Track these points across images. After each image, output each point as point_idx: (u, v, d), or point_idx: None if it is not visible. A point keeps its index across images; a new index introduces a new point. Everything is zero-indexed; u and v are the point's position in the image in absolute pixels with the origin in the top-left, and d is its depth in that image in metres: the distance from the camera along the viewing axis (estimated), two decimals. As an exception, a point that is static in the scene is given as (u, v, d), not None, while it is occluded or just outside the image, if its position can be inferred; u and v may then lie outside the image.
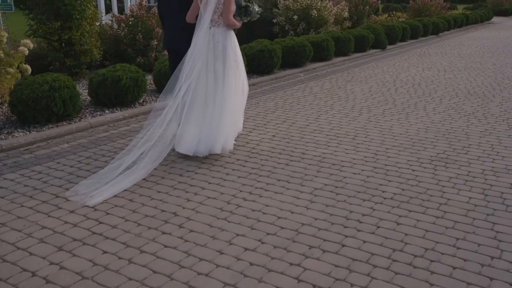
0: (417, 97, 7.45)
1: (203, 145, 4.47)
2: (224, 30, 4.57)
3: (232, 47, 4.62)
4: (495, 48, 14.08)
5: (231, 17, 4.53)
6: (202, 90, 4.51)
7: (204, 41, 4.48)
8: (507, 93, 7.71)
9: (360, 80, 8.86)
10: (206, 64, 4.51)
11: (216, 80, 4.53)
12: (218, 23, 4.54)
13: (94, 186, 3.77)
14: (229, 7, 4.48)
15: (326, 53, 10.81)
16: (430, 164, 4.48)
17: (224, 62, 4.54)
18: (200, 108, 4.52)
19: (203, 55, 4.49)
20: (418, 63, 11.10)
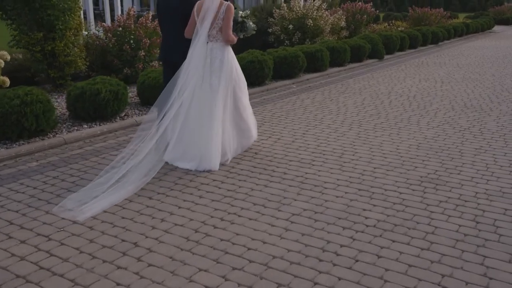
0: (411, 110, 7.17)
1: (195, 159, 4.45)
2: (222, 45, 4.54)
3: (230, 62, 4.60)
4: (495, 58, 13.80)
5: (231, 33, 4.52)
6: (196, 104, 4.48)
7: (201, 55, 4.45)
8: (505, 106, 7.42)
9: (354, 92, 8.59)
10: (201, 79, 4.48)
11: (211, 94, 4.49)
12: (216, 38, 4.51)
13: (83, 200, 3.67)
14: (229, 23, 4.46)
15: (321, 64, 10.55)
16: (419, 186, 4.19)
17: (219, 77, 4.51)
18: (192, 123, 4.49)
19: (198, 69, 4.46)
20: (415, 73, 10.83)
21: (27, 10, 7.13)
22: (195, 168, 4.44)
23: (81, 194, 3.77)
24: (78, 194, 3.78)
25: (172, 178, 4.28)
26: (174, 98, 4.37)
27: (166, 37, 4.96)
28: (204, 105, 4.49)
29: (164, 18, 4.94)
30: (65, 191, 3.96)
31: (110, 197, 3.73)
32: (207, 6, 4.45)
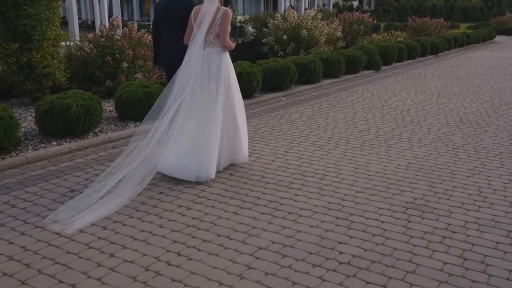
0: (404, 125, 6.80)
1: (193, 169, 4.35)
2: (219, 50, 4.48)
3: (227, 68, 4.53)
4: (495, 69, 13.44)
5: (228, 39, 4.45)
6: (196, 112, 4.41)
7: (198, 60, 4.40)
8: (503, 121, 7.05)
9: (346, 105, 8.24)
10: (200, 84, 4.43)
11: (208, 101, 4.43)
12: (213, 43, 4.46)
13: (74, 212, 3.61)
14: (226, 29, 4.39)
15: (313, 76, 10.21)
16: (403, 214, 3.81)
17: (217, 83, 4.45)
18: (189, 130, 4.40)
19: (195, 74, 4.40)
20: (411, 85, 10.47)
21: (1, 20, 6.84)
22: (193, 179, 4.34)
23: (73, 205, 3.72)
24: (71, 205, 3.73)
25: (134, 204, 3.92)
26: (169, 105, 4.29)
27: (166, 43, 4.90)
28: (203, 112, 4.41)
29: (163, 24, 4.89)
30: (13, 219, 3.60)
31: (102, 208, 3.67)
32: (204, 11, 4.40)
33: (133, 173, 4.02)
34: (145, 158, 4.12)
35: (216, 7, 4.41)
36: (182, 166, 4.37)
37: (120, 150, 5.43)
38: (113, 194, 3.85)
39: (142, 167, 4.09)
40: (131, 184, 3.98)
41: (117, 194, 3.87)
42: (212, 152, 4.38)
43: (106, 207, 3.71)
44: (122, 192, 3.90)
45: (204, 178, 4.37)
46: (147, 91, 6.55)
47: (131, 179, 4.00)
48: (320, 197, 4.15)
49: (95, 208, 3.66)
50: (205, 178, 4.37)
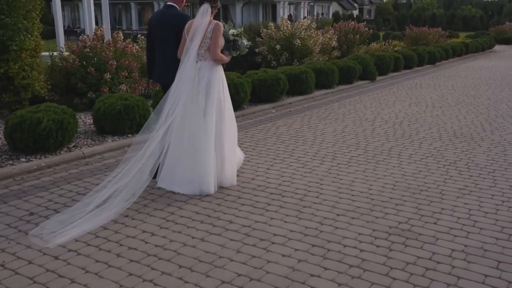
0: (395, 140, 6.52)
1: (186, 182, 4.34)
2: (211, 64, 4.43)
3: (218, 83, 4.46)
4: (492, 79, 13.17)
5: (218, 52, 4.40)
6: (187, 125, 4.37)
7: (190, 74, 4.36)
8: (498, 135, 6.76)
9: (336, 118, 7.96)
10: (191, 98, 4.37)
11: (200, 115, 4.37)
12: (205, 57, 4.41)
13: (63, 224, 3.58)
14: (216, 42, 4.34)
15: (305, 86, 9.95)
16: (385, 241, 3.51)
17: (207, 97, 4.38)
18: (183, 145, 4.38)
19: (188, 89, 4.36)
20: (406, 96, 10.20)
21: (-24, 30, 6.60)
22: (191, 192, 4.33)
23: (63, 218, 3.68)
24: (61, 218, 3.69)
25: (95, 229, 3.63)
26: (162, 120, 4.26)
27: (159, 57, 4.81)
28: (195, 127, 4.36)
29: (156, 38, 4.79)
30: (-40, 246, 3.32)
31: (92, 221, 3.65)
32: (196, 25, 4.35)
33: (124, 188, 3.98)
34: (136, 173, 4.08)
35: (208, 20, 4.36)
36: (182, 182, 4.36)
37: (93, 167, 5.17)
38: (101, 209, 3.79)
39: (133, 182, 4.05)
40: (120, 198, 3.91)
41: (104, 208, 3.80)
42: (209, 168, 4.32)
43: (93, 221, 3.66)
44: (111, 206, 3.83)
45: (204, 193, 4.34)
46: (127, 104, 6.28)
47: (121, 194, 3.94)
48: (297, 220, 3.86)
49: (81, 222, 3.60)
50: (205, 193, 4.34)
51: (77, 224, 3.57)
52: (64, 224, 3.57)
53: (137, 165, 4.11)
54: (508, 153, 5.83)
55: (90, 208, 3.76)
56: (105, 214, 3.76)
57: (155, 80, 4.99)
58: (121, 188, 3.97)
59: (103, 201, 3.86)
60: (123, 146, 5.96)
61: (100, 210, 3.78)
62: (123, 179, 4.02)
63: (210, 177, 4.34)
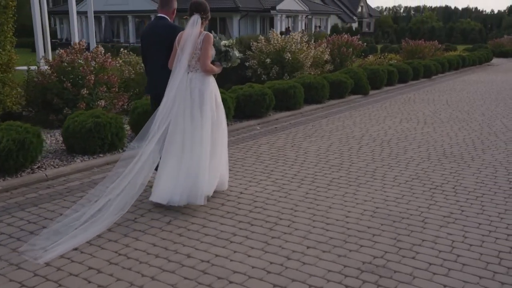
0: (381, 160, 6.19)
1: (179, 194, 4.25)
2: (202, 75, 4.40)
3: (210, 93, 4.42)
4: (488, 93, 12.87)
5: (209, 63, 4.37)
6: (179, 137, 4.33)
7: (181, 86, 4.34)
8: (490, 154, 6.43)
9: (323, 135, 7.64)
10: (183, 110, 4.34)
11: (193, 127, 4.32)
12: (195, 68, 4.40)
13: (53, 238, 3.55)
14: (207, 53, 4.33)
15: (294, 102, 9.66)
16: (355, 280, 3.17)
17: (201, 108, 4.35)
18: (176, 155, 4.32)
19: (179, 100, 4.33)
20: (398, 112, 9.89)
21: None
22: (183, 204, 4.28)
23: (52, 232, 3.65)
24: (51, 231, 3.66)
25: (35, 266, 3.29)
26: (155, 130, 4.21)
27: (151, 68, 4.88)
28: (186, 137, 4.32)
29: (148, 48, 4.86)
30: None
31: (82, 235, 3.63)
32: (187, 35, 4.35)
33: (114, 201, 3.95)
34: (127, 186, 4.03)
35: (198, 31, 4.36)
36: (171, 193, 4.28)
37: (54, 191, 4.85)
38: (90, 223, 3.75)
39: (123, 195, 4.00)
40: (111, 211, 3.88)
41: (93, 222, 3.77)
42: (202, 179, 4.26)
43: (83, 235, 3.63)
44: (101, 219, 3.81)
45: (187, 202, 4.28)
46: (98, 121, 5.98)
47: (111, 207, 3.91)
48: (262, 254, 3.51)
49: (71, 237, 3.59)
50: (189, 202, 4.29)
51: (67, 239, 3.54)
52: (54, 240, 3.53)
53: (127, 178, 4.05)
54: (498, 175, 5.50)
55: (81, 222, 3.72)
56: (96, 227, 3.73)
57: (146, 91, 5.04)
58: (111, 201, 3.92)
59: (91, 216, 3.81)
60: (92, 166, 5.65)
61: (90, 224, 3.73)
62: (113, 192, 3.97)
63: (203, 188, 4.26)
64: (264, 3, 34.38)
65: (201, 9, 4.41)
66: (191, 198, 4.26)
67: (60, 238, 3.56)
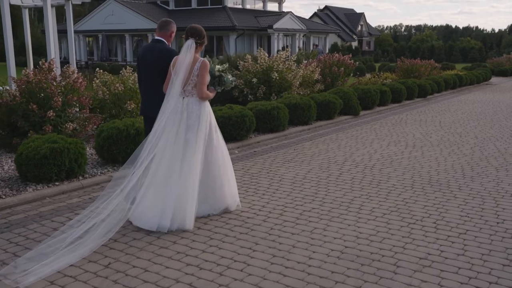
0: (360, 188, 5.72)
1: (169, 219, 4.22)
2: (198, 100, 4.46)
3: (206, 117, 4.49)
4: (483, 114, 12.43)
5: (205, 90, 4.45)
6: (168, 161, 4.33)
7: (176, 109, 4.38)
8: (478, 183, 5.95)
9: (303, 160, 7.19)
10: (175, 134, 4.35)
11: (184, 151, 4.34)
12: (191, 93, 4.45)
13: (35, 261, 3.50)
14: (203, 80, 4.41)
15: (277, 123, 9.23)
16: None
17: (196, 132, 4.38)
18: (165, 179, 4.30)
19: (172, 123, 4.36)
20: (387, 134, 9.44)
21: None
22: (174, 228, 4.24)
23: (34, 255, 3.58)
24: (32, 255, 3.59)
25: None
26: (145, 154, 4.22)
27: (146, 90, 4.93)
28: (177, 161, 4.32)
29: (143, 71, 4.92)
30: None
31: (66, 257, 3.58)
32: (181, 60, 4.41)
33: (100, 224, 3.92)
34: (114, 209, 4.02)
35: (192, 57, 4.42)
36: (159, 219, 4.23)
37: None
38: (76, 245, 3.73)
39: (109, 218, 3.98)
40: (97, 235, 3.85)
41: (79, 244, 3.74)
42: (189, 203, 4.26)
43: (67, 258, 3.58)
44: (87, 242, 3.78)
45: (176, 227, 4.23)
46: (54, 147, 5.56)
47: (97, 230, 3.88)
48: (201, 308, 3.04)
49: (54, 259, 3.53)
50: (178, 228, 4.23)
51: (49, 262, 3.48)
52: (37, 261, 3.48)
53: (115, 201, 4.04)
54: (486, 207, 5.02)
55: (66, 244, 3.69)
56: (80, 250, 3.69)
57: (140, 112, 5.09)
58: (98, 223, 3.90)
59: (77, 238, 3.78)
60: (44, 196, 5.21)
61: (75, 246, 3.71)
62: (100, 215, 3.95)
63: (191, 213, 4.27)
64: (261, 21, 34.25)
65: (196, 34, 4.49)
66: (181, 223, 4.23)
67: (43, 260, 3.50)
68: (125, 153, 6.39)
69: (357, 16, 66.95)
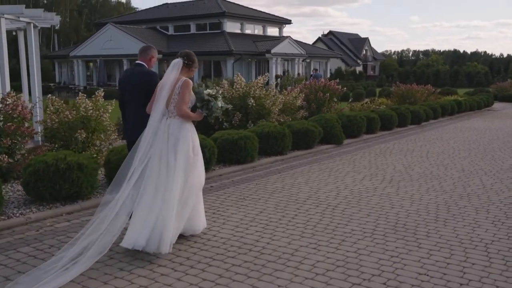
0: (311, 235, 4.93)
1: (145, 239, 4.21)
2: (180, 121, 4.43)
3: (186, 140, 4.42)
4: (477, 143, 11.58)
5: (185, 108, 4.42)
6: (153, 182, 4.35)
7: (159, 130, 4.39)
8: (451, 228, 5.12)
9: (260, 198, 6.41)
10: (160, 155, 4.37)
11: (167, 173, 4.35)
12: (174, 114, 4.44)
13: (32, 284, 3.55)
14: (183, 98, 4.39)
15: (244, 154, 8.50)
16: None
17: (175, 155, 4.36)
18: (148, 200, 4.31)
19: (156, 145, 4.37)
20: (366, 166, 8.65)
21: None
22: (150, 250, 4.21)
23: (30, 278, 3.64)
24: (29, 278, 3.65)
25: None
26: (129, 176, 4.27)
27: (128, 115, 4.95)
28: (159, 184, 4.34)
29: (125, 95, 4.95)
30: None
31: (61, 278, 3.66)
32: (165, 79, 4.46)
33: (93, 244, 3.98)
34: (104, 231, 4.07)
35: (176, 76, 4.44)
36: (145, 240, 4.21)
37: None
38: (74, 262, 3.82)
39: (102, 238, 4.04)
40: (90, 254, 3.91)
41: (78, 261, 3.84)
42: (166, 225, 4.22)
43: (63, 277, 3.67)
44: (81, 261, 3.84)
45: (153, 250, 4.19)
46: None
47: (89, 251, 3.93)
48: None
49: (52, 279, 3.62)
50: (154, 250, 4.19)
51: (47, 281, 3.57)
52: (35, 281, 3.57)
53: (104, 224, 4.11)
54: (452, 262, 4.20)
55: (59, 265, 3.77)
56: (75, 269, 3.77)
57: (124, 137, 5.11)
58: (90, 245, 3.97)
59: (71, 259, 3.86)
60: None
61: (72, 265, 3.80)
62: (93, 235, 4.04)
63: (169, 235, 4.21)
64: (260, 46, 33.87)
65: (185, 55, 4.54)
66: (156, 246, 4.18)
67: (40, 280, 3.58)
68: (53, 190, 5.69)
69: (361, 41, 66.73)
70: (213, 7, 36.54)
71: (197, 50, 32.76)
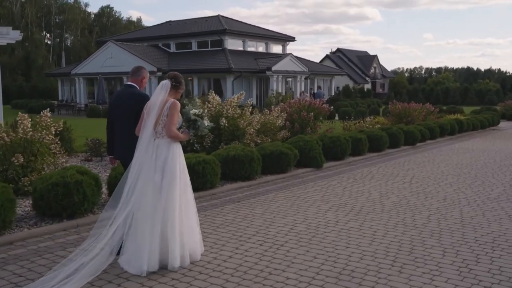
0: (236, 284, 4.12)
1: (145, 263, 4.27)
2: (168, 142, 4.47)
3: (174, 161, 4.45)
4: (469, 167, 10.67)
5: (174, 129, 4.45)
6: (146, 202, 4.38)
7: (148, 151, 4.42)
8: (405, 278, 4.26)
9: (202, 233, 5.61)
10: (148, 176, 4.39)
11: (157, 193, 4.36)
12: (162, 134, 4.46)
13: None
14: (172, 120, 4.41)
15: (203, 180, 7.75)
16: None
17: (163, 175, 4.39)
18: (146, 220, 4.34)
19: (146, 165, 4.40)
20: (338, 194, 7.82)
21: None
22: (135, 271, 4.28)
23: None
24: None
25: None
26: (124, 196, 4.31)
27: (118, 135, 4.93)
28: (147, 205, 4.37)
29: (116, 117, 4.93)
30: None
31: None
32: (153, 101, 4.49)
33: (87, 263, 4.04)
34: (100, 251, 4.13)
35: (164, 97, 4.46)
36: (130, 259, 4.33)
37: None
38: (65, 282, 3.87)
39: (95, 260, 4.09)
40: (83, 274, 3.96)
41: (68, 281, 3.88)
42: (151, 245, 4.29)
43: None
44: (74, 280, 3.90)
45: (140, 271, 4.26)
46: None
47: (84, 269, 4.00)
48: None
49: None
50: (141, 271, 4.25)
51: None
52: None
53: (100, 244, 4.16)
54: (388, 329, 3.35)
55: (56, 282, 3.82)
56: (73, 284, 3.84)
57: (115, 157, 5.11)
58: (85, 263, 4.02)
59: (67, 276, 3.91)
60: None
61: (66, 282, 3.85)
62: (89, 254, 4.08)
63: (155, 256, 4.28)
64: (261, 64, 33.28)
65: (173, 77, 4.56)
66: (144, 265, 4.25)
67: None
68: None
69: (370, 59, 66.01)
70: (215, 24, 36.18)
71: (197, 67, 32.35)
